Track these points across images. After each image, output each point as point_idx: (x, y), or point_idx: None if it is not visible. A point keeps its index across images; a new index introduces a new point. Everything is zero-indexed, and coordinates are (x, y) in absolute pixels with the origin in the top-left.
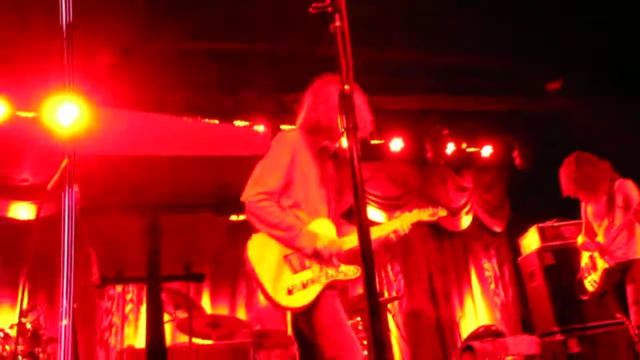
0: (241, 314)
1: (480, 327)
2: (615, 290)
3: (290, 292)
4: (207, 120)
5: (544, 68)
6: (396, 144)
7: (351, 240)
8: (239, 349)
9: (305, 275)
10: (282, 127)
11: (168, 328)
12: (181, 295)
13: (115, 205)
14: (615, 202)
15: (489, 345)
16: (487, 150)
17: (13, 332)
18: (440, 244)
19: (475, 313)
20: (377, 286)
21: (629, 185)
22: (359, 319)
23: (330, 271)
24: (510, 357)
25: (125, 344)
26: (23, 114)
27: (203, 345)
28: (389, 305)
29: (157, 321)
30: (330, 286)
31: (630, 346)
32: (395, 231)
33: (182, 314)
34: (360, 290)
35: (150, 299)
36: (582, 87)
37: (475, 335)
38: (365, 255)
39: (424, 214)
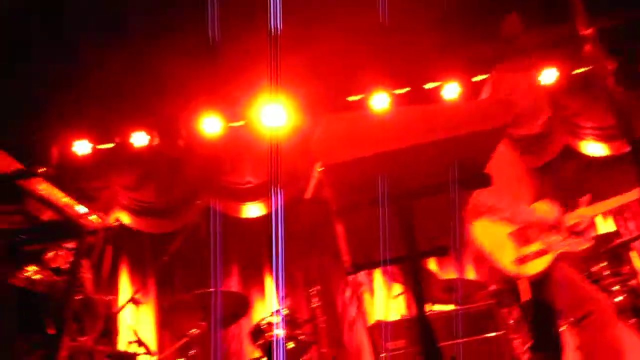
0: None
1: None
2: None
3: (520, 261)
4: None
5: None
6: None
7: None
8: (482, 310)
9: (532, 248)
10: (474, 79)
11: (400, 300)
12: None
13: (368, 201)
14: None
15: None
16: None
17: (273, 320)
18: None
19: None
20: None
21: None
22: (603, 264)
23: (555, 243)
24: None
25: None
26: (235, 124)
27: (447, 312)
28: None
29: (419, 294)
30: (560, 258)
31: None
32: None
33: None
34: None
35: (410, 275)
36: None
37: None
38: None
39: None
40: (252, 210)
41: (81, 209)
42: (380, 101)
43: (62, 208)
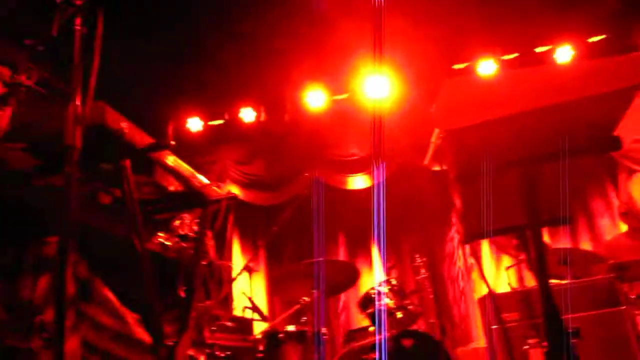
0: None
1: None
2: None
3: None
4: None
5: None
6: None
7: None
8: (601, 284)
9: None
10: (591, 39)
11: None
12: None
13: (487, 167)
14: None
15: None
16: None
17: (382, 289)
18: None
19: None
20: None
21: None
22: None
23: None
24: None
25: (477, 292)
26: (339, 97)
27: (563, 284)
28: None
29: (541, 265)
30: None
31: None
32: None
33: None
34: None
35: (530, 245)
36: None
37: None
38: None
39: None
40: (358, 182)
41: (203, 179)
42: (487, 68)
43: (188, 179)
